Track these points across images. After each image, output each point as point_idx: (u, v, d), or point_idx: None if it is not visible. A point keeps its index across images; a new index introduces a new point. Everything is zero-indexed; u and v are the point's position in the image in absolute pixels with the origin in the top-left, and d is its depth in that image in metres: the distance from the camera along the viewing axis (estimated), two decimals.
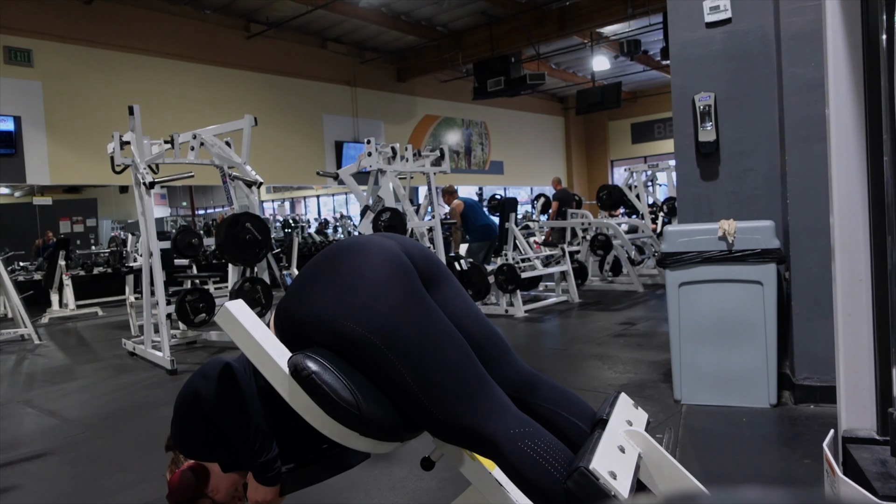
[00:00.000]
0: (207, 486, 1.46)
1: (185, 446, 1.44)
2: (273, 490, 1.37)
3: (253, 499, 1.39)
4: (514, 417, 1.20)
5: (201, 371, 1.37)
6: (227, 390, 1.34)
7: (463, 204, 7.25)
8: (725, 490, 0.35)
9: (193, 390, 1.36)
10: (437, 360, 1.19)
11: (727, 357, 2.92)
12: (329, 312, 1.21)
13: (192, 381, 1.38)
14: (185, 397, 1.39)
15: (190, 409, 1.38)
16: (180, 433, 1.43)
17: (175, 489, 1.43)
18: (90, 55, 9.77)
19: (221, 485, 1.46)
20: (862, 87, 1.52)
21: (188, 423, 1.40)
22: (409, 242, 1.39)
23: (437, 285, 1.37)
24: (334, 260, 1.28)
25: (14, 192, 13.50)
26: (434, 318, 1.23)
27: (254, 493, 1.39)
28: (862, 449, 1.50)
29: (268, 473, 1.36)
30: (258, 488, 1.37)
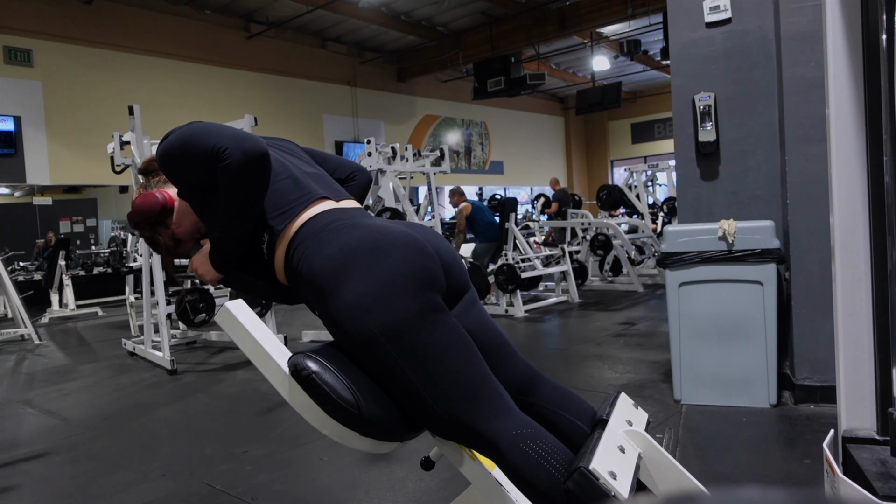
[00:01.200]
0: (171, 217, 1.41)
1: (172, 171, 1.31)
2: (216, 275, 1.34)
3: (195, 266, 1.36)
4: (516, 419, 1.20)
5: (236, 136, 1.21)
6: (253, 179, 1.22)
7: (471, 206, 7.19)
8: (725, 490, 0.35)
9: (219, 147, 1.19)
10: (444, 362, 1.18)
11: (727, 357, 2.92)
12: (346, 301, 1.17)
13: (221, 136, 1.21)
14: (202, 143, 1.22)
15: (201, 155, 1.22)
16: (174, 161, 1.28)
17: (139, 208, 1.37)
18: (90, 55, 9.78)
19: (185, 220, 1.41)
20: (862, 87, 1.52)
21: (190, 163, 1.26)
22: (442, 244, 1.33)
23: (459, 292, 1.35)
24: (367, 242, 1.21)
25: (14, 192, 13.49)
26: (447, 323, 1.22)
27: (200, 264, 1.35)
28: (862, 449, 1.50)
29: (226, 261, 1.32)
30: (206, 262, 1.33)
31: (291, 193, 1.31)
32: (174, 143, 1.27)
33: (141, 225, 1.42)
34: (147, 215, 1.38)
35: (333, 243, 1.22)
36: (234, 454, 2.77)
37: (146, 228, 1.43)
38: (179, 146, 1.26)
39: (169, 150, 1.27)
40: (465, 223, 7.13)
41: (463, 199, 7.33)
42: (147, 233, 1.44)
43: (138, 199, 1.39)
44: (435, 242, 1.31)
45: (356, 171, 1.61)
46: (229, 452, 2.79)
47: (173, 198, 1.43)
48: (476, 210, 7.17)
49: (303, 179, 1.36)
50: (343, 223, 1.26)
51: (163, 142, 1.29)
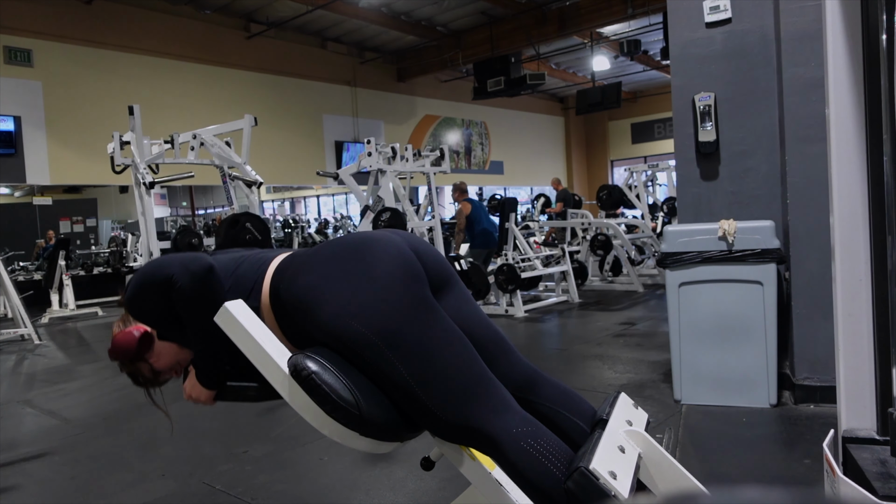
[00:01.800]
0: (150, 352, 1.45)
1: (138, 313, 1.41)
2: (210, 393, 1.38)
3: (188, 392, 1.41)
4: (516, 416, 1.20)
5: (184, 261, 1.31)
6: (204, 295, 1.30)
7: (471, 206, 7.14)
8: (725, 490, 0.35)
9: (169, 276, 1.29)
10: (439, 359, 1.19)
11: (727, 357, 2.92)
12: (335, 311, 1.20)
13: (171, 265, 1.31)
14: (155, 276, 1.32)
15: (157, 288, 1.32)
16: (136, 301, 1.38)
17: (117, 346, 1.42)
18: (90, 55, 9.78)
19: (164, 353, 1.46)
20: (862, 87, 1.52)
21: (150, 298, 1.36)
22: (419, 242, 1.38)
23: (443, 286, 1.37)
24: (347, 255, 1.27)
25: (14, 192, 13.50)
26: (438, 318, 1.23)
27: (191, 388, 1.40)
28: (862, 449, 1.50)
29: (211, 377, 1.37)
30: (196, 385, 1.38)
31: (251, 271, 1.39)
32: (133, 287, 1.37)
33: (121, 362, 1.46)
34: (126, 353, 1.43)
35: (309, 264, 1.29)
36: (234, 454, 2.77)
37: (127, 364, 1.47)
38: (137, 287, 1.36)
39: (131, 295, 1.38)
40: (465, 222, 7.08)
41: (465, 197, 7.25)
42: (128, 368, 1.48)
43: (117, 336, 1.44)
44: (408, 237, 1.37)
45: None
46: (229, 452, 2.79)
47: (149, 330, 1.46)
48: (474, 212, 7.11)
49: (256, 256, 1.44)
50: (311, 250, 1.35)
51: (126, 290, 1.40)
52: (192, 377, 1.39)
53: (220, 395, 1.41)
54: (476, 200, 7.37)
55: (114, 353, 1.43)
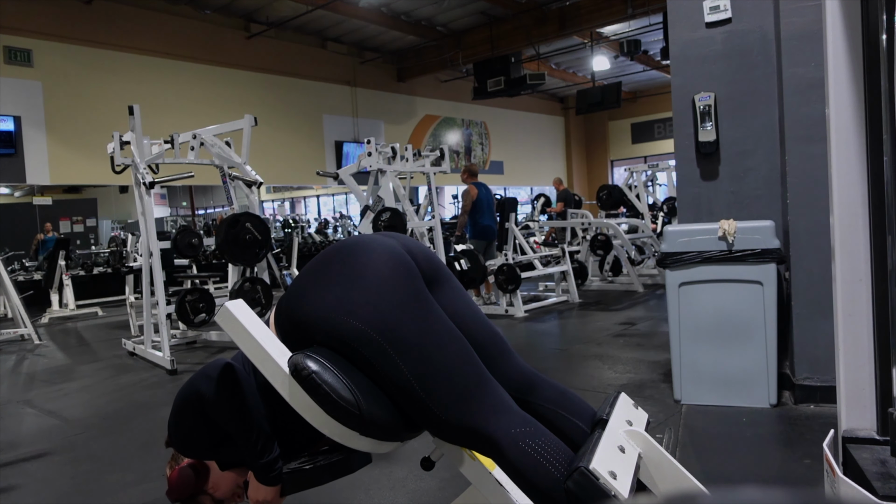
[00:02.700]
0: (207, 483, 1.46)
1: (184, 446, 1.44)
2: (274, 490, 1.37)
3: (254, 498, 1.39)
4: (515, 416, 1.20)
5: (203, 372, 1.36)
6: (230, 391, 1.33)
7: (476, 191, 6.82)
8: (725, 490, 0.35)
9: (196, 391, 1.35)
10: (438, 358, 1.19)
11: (727, 357, 2.92)
12: (330, 311, 1.21)
13: (194, 382, 1.37)
14: (186, 398, 1.38)
15: (191, 409, 1.37)
16: (179, 433, 1.42)
17: (175, 486, 1.43)
18: (90, 55, 9.78)
19: (222, 482, 1.46)
20: (862, 87, 1.52)
21: (189, 423, 1.40)
22: (412, 242, 1.39)
23: (438, 285, 1.37)
24: (336, 259, 1.28)
25: (14, 192, 13.50)
26: (435, 317, 1.23)
27: (254, 493, 1.38)
28: (862, 449, 1.50)
29: (270, 473, 1.35)
30: (259, 488, 1.37)
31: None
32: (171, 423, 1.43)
33: (182, 500, 1.46)
34: (185, 489, 1.44)
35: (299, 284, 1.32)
36: None
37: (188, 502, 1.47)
38: (175, 418, 1.41)
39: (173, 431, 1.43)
40: (470, 205, 6.78)
41: (473, 180, 6.95)
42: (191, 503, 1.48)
43: (172, 475, 1.45)
44: (397, 236, 1.38)
45: None
46: None
47: (203, 465, 1.47)
48: (479, 202, 6.82)
49: None
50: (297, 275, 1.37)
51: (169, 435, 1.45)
52: (253, 482, 1.38)
53: (285, 488, 1.40)
54: (484, 187, 6.99)
55: (174, 494, 1.44)
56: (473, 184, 6.89)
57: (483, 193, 6.88)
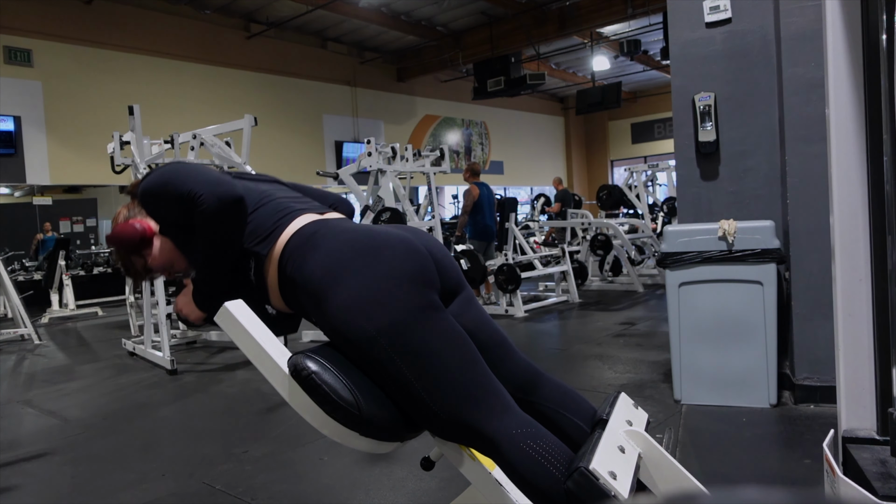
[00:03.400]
0: (148, 249, 1.45)
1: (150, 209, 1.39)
2: (201, 314, 1.36)
3: (179, 307, 1.39)
4: (516, 418, 1.20)
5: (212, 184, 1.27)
6: (225, 224, 1.27)
7: (478, 191, 6.78)
8: (725, 490, 0.35)
9: (196, 194, 1.25)
10: (443, 362, 1.19)
11: (727, 357, 2.92)
12: (341, 303, 1.18)
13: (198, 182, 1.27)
14: (181, 188, 1.28)
15: (178, 199, 1.29)
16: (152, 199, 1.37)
17: (118, 235, 1.43)
18: (90, 55, 9.78)
19: (162, 254, 1.45)
20: (862, 87, 1.52)
21: (167, 205, 1.34)
22: (434, 244, 1.35)
23: (454, 291, 1.36)
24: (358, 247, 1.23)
25: (14, 192, 13.49)
26: (444, 322, 1.22)
27: (184, 304, 1.38)
28: (862, 449, 1.50)
29: (207, 300, 1.34)
30: (189, 303, 1.36)
31: (274, 216, 1.35)
32: (154, 182, 1.34)
33: (118, 251, 1.47)
34: (125, 244, 1.43)
35: (324, 248, 1.24)
36: (234, 454, 2.77)
37: (121, 253, 1.48)
38: (159, 187, 1.33)
39: (149, 189, 1.35)
40: (471, 206, 6.76)
41: (475, 180, 6.92)
42: (122, 257, 1.49)
43: (119, 226, 1.44)
44: (426, 241, 1.33)
45: (337, 202, 1.63)
46: (229, 452, 2.79)
47: (153, 230, 1.46)
48: (480, 202, 6.78)
49: (284, 202, 1.40)
50: (330, 229, 1.28)
51: (146, 177, 1.36)
52: (188, 293, 1.37)
53: (210, 318, 1.37)
54: (486, 187, 6.95)
55: (113, 242, 1.43)
56: (475, 183, 6.86)
57: (484, 193, 6.86)
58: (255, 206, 1.36)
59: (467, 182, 6.95)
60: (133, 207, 1.49)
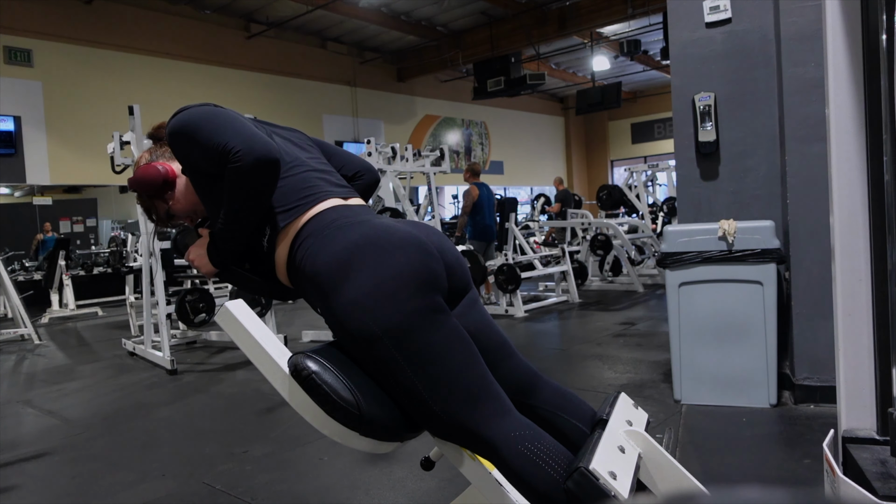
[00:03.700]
0: (171, 192, 1.42)
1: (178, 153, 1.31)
2: (212, 269, 1.34)
3: (192, 257, 1.36)
4: (514, 420, 1.20)
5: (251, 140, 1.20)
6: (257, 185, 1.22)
7: (478, 191, 6.76)
8: (725, 490, 0.35)
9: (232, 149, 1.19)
10: (445, 363, 1.18)
11: (727, 357, 2.92)
12: (348, 300, 1.18)
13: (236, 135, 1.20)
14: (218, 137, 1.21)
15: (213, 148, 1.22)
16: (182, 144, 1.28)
17: (141, 179, 1.39)
18: (90, 55, 9.78)
19: (184, 199, 1.42)
20: (862, 87, 1.52)
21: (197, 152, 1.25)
22: (446, 244, 1.33)
23: (460, 293, 1.36)
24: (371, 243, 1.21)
25: (14, 192, 13.49)
26: (449, 324, 1.22)
27: (196, 256, 1.35)
28: (862, 449, 1.50)
29: (222, 257, 1.32)
30: (203, 255, 1.33)
31: (299, 191, 1.30)
32: (186, 124, 1.25)
33: (140, 194, 1.43)
34: (147, 186, 1.40)
35: (338, 241, 1.22)
36: (234, 454, 2.77)
37: (144, 198, 1.45)
38: (191, 131, 1.25)
39: (180, 130, 1.26)
40: (471, 206, 6.75)
41: (475, 180, 6.91)
42: (145, 202, 1.46)
43: (141, 168, 1.40)
44: (439, 242, 1.31)
45: (363, 169, 1.59)
46: (229, 452, 2.79)
47: (176, 173, 1.43)
48: (479, 202, 6.77)
49: (312, 176, 1.35)
50: (348, 220, 1.26)
51: (176, 116, 1.28)
52: (202, 245, 1.33)
53: (222, 274, 1.35)
54: (486, 187, 6.94)
55: (134, 184, 1.39)
56: (475, 184, 6.86)
57: (484, 194, 6.85)
58: (286, 171, 1.31)
59: (467, 182, 6.95)
60: (156, 150, 1.46)
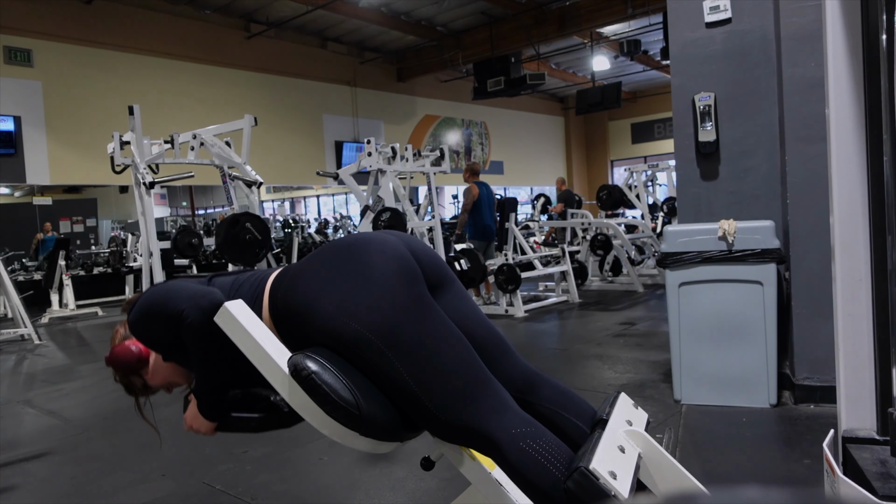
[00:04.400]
0: (147, 368, 1.49)
1: (141, 335, 1.41)
2: (211, 425, 1.37)
3: (189, 423, 1.40)
4: (515, 417, 1.20)
5: (195, 297, 1.29)
6: (214, 331, 1.29)
7: (478, 190, 6.76)
8: (725, 490, 0.35)
9: (179, 311, 1.28)
10: (438, 360, 1.19)
11: (727, 357, 2.92)
12: (332, 312, 1.21)
13: (180, 298, 1.30)
14: (165, 308, 1.31)
15: (165, 320, 1.31)
16: (141, 326, 1.38)
17: (116, 359, 1.47)
18: (90, 55, 9.78)
19: (159, 372, 1.49)
20: (862, 87, 1.51)
21: (155, 327, 1.36)
22: (415, 242, 1.39)
23: (440, 287, 1.37)
24: (342, 257, 1.28)
25: (14, 192, 13.50)
26: (436, 318, 1.23)
27: (192, 419, 1.39)
28: (862, 449, 1.50)
29: (213, 409, 1.36)
30: (197, 416, 1.37)
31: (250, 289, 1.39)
32: (140, 312, 1.37)
33: (117, 372, 1.52)
34: (123, 366, 1.49)
35: (304, 271, 1.30)
36: (234, 454, 2.77)
37: (121, 376, 1.53)
38: (144, 313, 1.36)
39: (136, 319, 1.38)
40: (471, 205, 6.75)
41: (474, 179, 6.91)
42: (122, 378, 1.54)
43: (116, 350, 1.49)
44: (403, 237, 1.37)
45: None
46: (229, 452, 2.79)
47: (149, 351, 1.49)
48: (479, 201, 6.77)
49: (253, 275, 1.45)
50: (304, 260, 1.35)
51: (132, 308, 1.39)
52: (193, 408, 1.38)
53: (221, 426, 1.40)
54: (486, 186, 6.94)
55: (111, 363, 1.48)
56: (475, 183, 6.87)
57: (484, 193, 6.85)
58: (234, 292, 1.39)
59: (467, 182, 6.96)
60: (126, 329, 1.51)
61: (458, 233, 7.16)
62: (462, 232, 7.02)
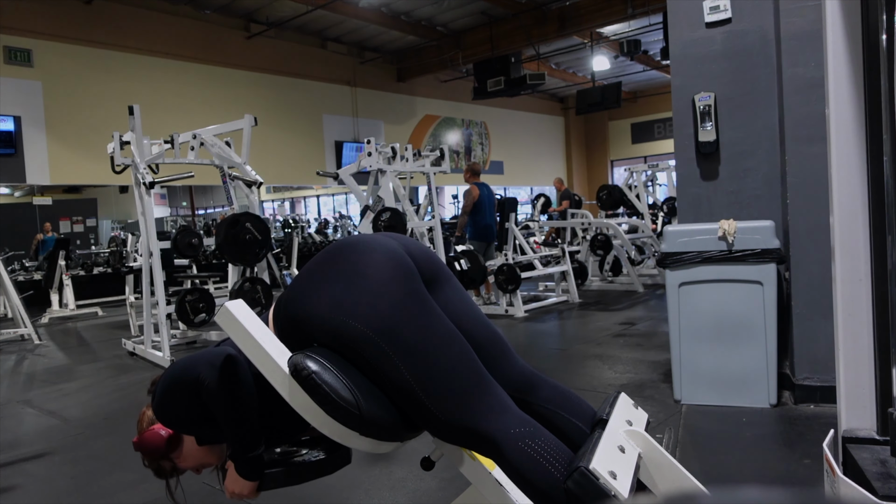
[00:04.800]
0: (177, 452, 1.46)
1: (167, 420, 1.41)
2: (252, 485, 1.35)
3: (230, 489, 1.38)
4: (514, 417, 1.20)
5: (206, 359, 1.32)
6: (230, 384, 1.30)
7: (478, 191, 6.77)
8: (725, 490, 0.35)
9: (195, 376, 1.30)
10: (437, 359, 1.19)
11: (727, 357, 2.92)
12: (330, 311, 1.21)
13: (195, 366, 1.33)
14: (181, 379, 1.34)
15: (185, 391, 1.34)
16: (167, 408, 1.39)
17: (144, 445, 1.44)
18: (90, 55, 9.78)
19: (191, 455, 1.46)
20: (862, 87, 1.52)
21: (179, 402, 1.37)
22: (411, 242, 1.39)
23: (438, 286, 1.37)
24: (336, 259, 1.28)
25: (14, 192, 13.50)
26: (435, 317, 1.23)
27: (232, 484, 1.37)
28: (862, 449, 1.50)
29: (251, 468, 1.34)
30: (237, 479, 1.35)
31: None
32: (162, 393, 1.38)
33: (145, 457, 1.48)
34: (152, 452, 1.45)
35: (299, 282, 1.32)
36: None
37: (151, 461, 1.49)
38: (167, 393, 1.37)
39: (161, 403, 1.39)
40: (471, 206, 6.76)
41: (475, 180, 6.91)
42: (152, 464, 1.50)
43: (146, 435, 1.45)
44: (396, 236, 1.38)
45: None
46: None
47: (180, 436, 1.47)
48: (480, 202, 6.78)
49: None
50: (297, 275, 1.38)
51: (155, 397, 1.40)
52: (233, 472, 1.37)
53: (263, 484, 1.39)
54: (486, 187, 6.94)
55: (140, 449, 1.45)
56: (475, 184, 6.87)
57: (485, 193, 6.85)
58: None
59: (467, 182, 6.96)
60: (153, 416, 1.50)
61: (458, 234, 7.15)
62: (462, 233, 7.02)
